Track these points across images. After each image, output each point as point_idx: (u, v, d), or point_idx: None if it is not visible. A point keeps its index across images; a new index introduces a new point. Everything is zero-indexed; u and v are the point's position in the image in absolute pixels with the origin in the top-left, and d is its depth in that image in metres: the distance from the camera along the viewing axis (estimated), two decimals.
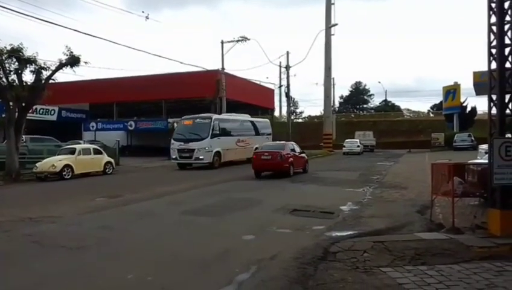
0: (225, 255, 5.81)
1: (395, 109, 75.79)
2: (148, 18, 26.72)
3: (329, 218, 8.43)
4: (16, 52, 17.05)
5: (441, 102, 52.36)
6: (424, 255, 5.46)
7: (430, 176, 8.00)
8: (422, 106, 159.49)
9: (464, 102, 45.98)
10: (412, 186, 13.11)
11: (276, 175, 16.62)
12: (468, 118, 44.85)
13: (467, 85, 69.02)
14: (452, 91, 45.62)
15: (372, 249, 5.76)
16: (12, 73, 17.44)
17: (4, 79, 17.28)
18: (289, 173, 16.74)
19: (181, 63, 38.23)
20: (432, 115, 70.08)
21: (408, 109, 79.10)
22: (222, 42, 36.60)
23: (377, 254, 5.54)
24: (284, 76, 32.83)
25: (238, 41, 35.65)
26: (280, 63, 35.46)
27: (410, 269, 4.93)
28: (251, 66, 62.01)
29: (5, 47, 16.95)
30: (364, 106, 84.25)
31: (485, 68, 6.94)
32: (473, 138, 36.44)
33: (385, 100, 75.84)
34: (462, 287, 4.32)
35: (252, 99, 44.04)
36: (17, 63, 17.37)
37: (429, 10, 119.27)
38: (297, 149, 18.68)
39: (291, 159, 17.24)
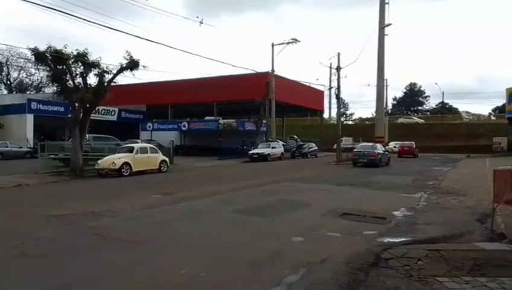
0: (274, 256, 5.87)
1: (453, 111, 71.92)
2: (202, 23, 27.55)
3: (381, 223, 8.22)
4: (81, 57, 18.26)
5: (504, 104, 48.92)
6: (484, 266, 5.18)
7: (491, 183, 7.56)
8: (483, 108, 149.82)
9: None
10: (471, 193, 12.43)
11: (322, 178, 16.50)
12: None
13: None
14: None
15: (427, 257, 5.56)
16: (78, 76, 18.70)
17: (71, 82, 18.57)
18: (416, 155, 36.87)
19: (233, 66, 39.24)
20: (493, 118, 65.75)
21: (467, 112, 74.78)
22: (272, 45, 36.87)
23: (433, 263, 5.34)
24: (334, 77, 32.31)
25: (288, 43, 35.75)
26: (331, 64, 35.04)
27: (469, 280, 4.70)
28: (301, 67, 61.73)
29: (72, 52, 18.22)
30: (419, 108, 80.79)
31: None
32: None
33: (442, 102, 72.33)
34: None
35: (301, 101, 43.89)
36: (82, 67, 18.61)
37: (489, 6, 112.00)
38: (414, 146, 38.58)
39: (416, 150, 38.16)
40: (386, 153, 26.40)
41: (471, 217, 8.73)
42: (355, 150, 26.19)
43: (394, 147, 42.28)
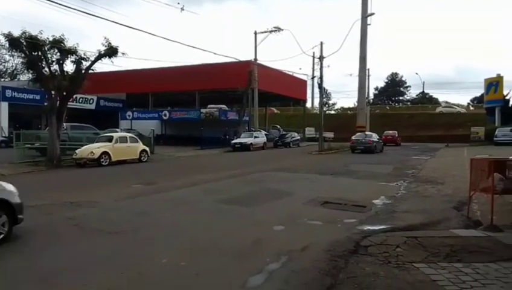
0: (256, 245, 5.89)
1: (433, 101, 73.26)
2: (183, 9, 27.09)
3: (361, 211, 8.32)
4: (57, 43, 17.74)
5: (482, 95, 50.10)
6: (460, 252, 5.31)
7: (468, 172, 7.72)
8: (462, 98, 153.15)
9: (506, 95, 43.65)
10: (449, 181, 12.71)
11: (305, 167, 16.59)
12: (510, 111, 42.66)
13: (510, 77, 65.83)
14: (494, 83, 43.48)
15: (405, 244, 5.66)
16: (54, 63, 18.19)
17: (47, 69, 18.05)
18: (399, 144, 38.18)
19: (214, 54, 38.99)
20: (472, 108, 67.27)
21: (446, 102, 76.15)
22: (255, 33, 36.64)
23: (410, 250, 5.44)
24: (317, 67, 32.35)
25: (271, 31, 35.60)
26: (313, 53, 35.05)
27: (445, 265, 4.82)
28: (284, 57, 61.66)
29: (48, 38, 17.68)
30: (400, 98, 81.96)
31: None
32: None
33: (422, 92, 73.60)
34: (499, 286, 4.18)
35: (284, 90, 43.86)
36: (58, 54, 18.09)
37: None
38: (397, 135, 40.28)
39: (399, 139, 39.77)
40: (380, 141, 29.96)
41: (448, 205, 8.92)
42: (353, 138, 29.12)
43: None
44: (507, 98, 43.67)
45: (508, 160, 7.46)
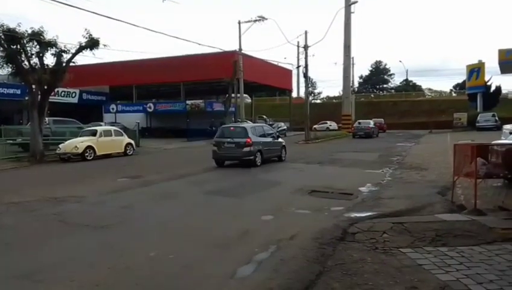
0: (245, 235, 5.90)
1: (416, 88, 74.05)
2: None
3: (348, 199, 8.41)
4: (36, 36, 17.29)
5: (464, 81, 50.87)
6: (444, 236, 5.40)
7: (451, 157, 7.84)
8: (444, 85, 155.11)
9: (488, 81, 44.54)
10: (433, 167, 12.91)
11: (292, 157, 16.73)
12: (492, 97, 43.48)
13: (491, 63, 66.93)
14: (476, 70, 44.20)
15: (391, 230, 5.73)
16: (34, 56, 17.75)
17: (26, 62, 17.61)
18: (385, 131, 39.22)
19: (198, 44, 38.73)
20: (454, 94, 68.27)
21: (430, 89, 77.26)
22: (239, 22, 36.24)
23: (397, 235, 5.51)
24: (302, 56, 32.18)
25: (255, 21, 35.17)
26: (298, 43, 34.68)
27: (431, 250, 4.90)
28: (269, 46, 61.50)
29: (26, 30, 17.24)
30: (385, 86, 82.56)
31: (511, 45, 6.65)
32: (497, 118, 35.47)
33: (406, 80, 74.18)
34: (484, 269, 4.27)
35: (270, 80, 43.71)
36: (38, 47, 17.64)
37: None
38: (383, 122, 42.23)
39: (385, 126, 41.23)
40: (376, 127, 34.37)
41: (432, 190, 9.06)
42: (354, 125, 34.05)
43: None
44: (488, 83, 44.50)
45: (490, 145, 7.60)
